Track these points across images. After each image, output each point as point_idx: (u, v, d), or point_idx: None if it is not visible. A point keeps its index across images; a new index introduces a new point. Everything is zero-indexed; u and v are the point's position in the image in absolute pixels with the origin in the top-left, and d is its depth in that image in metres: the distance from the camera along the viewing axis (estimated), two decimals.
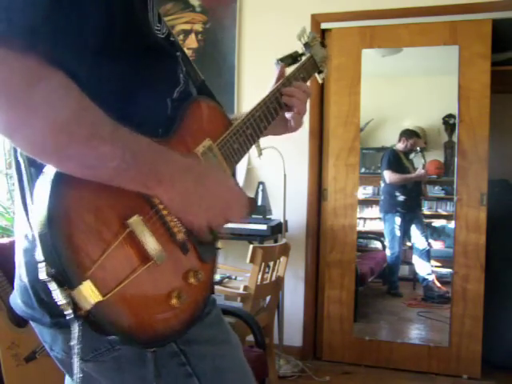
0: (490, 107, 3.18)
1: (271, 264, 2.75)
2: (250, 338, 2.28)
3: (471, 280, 3.22)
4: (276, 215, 3.35)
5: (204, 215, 0.78)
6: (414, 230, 4.12)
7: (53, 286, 0.66)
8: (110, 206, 0.71)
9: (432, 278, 4.01)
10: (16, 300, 0.86)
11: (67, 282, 0.65)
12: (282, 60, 1.18)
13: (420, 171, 4.00)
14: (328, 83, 3.48)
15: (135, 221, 0.71)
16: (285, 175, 3.21)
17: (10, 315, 1.85)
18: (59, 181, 0.67)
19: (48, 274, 0.65)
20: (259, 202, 3.34)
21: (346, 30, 3.43)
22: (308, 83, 1.22)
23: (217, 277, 2.91)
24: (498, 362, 3.28)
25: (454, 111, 3.38)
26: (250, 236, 3.22)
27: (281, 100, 1.06)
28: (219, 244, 0.87)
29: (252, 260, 2.55)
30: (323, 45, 1.26)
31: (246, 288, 2.58)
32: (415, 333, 3.79)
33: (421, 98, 4.10)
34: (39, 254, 0.66)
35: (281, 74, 1.13)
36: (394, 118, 4.16)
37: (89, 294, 0.65)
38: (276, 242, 3.27)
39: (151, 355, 0.77)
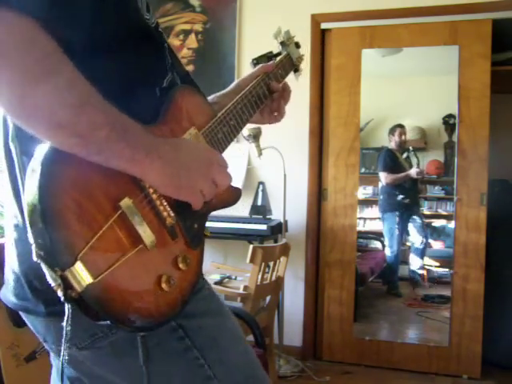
0: (490, 107, 3.18)
1: (271, 264, 2.75)
2: (250, 338, 2.28)
3: (471, 280, 3.22)
4: (276, 215, 3.35)
5: (190, 183, 0.79)
6: (412, 229, 4.13)
7: (44, 268, 0.66)
8: (101, 188, 0.70)
9: (421, 272, 4.04)
10: (6, 293, 0.85)
11: (58, 264, 0.64)
12: (257, 60, 1.21)
13: (411, 170, 3.99)
14: (328, 83, 3.48)
15: (126, 203, 0.71)
16: (285, 175, 3.21)
17: (9, 315, 1.85)
18: (50, 161, 0.67)
19: (38, 256, 0.65)
20: (259, 202, 3.34)
21: (346, 29, 3.43)
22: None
23: (217, 277, 2.91)
24: (498, 362, 3.28)
25: (454, 111, 3.37)
26: (249, 236, 3.22)
27: (261, 93, 1.09)
28: (207, 232, 0.88)
29: (252, 260, 2.55)
30: (298, 45, 1.30)
31: (245, 288, 2.58)
32: (415, 333, 3.79)
33: (421, 97, 4.10)
34: (30, 237, 0.66)
35: (260, 71, 1.15)
36: (394, 117, 4.15)
37: (80, 275, 0.65)
38: (276, 242, 3.27)
39: (140, 340, 0.77)
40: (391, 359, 3.37)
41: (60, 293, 0.65)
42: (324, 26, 3.46)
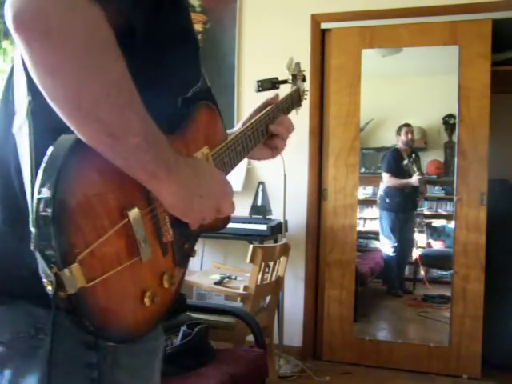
0: (490, 107, 3.18)
1: (271, 264, 2.75)
2: (250, 337, 2.28)
3: (471, 280, 3.22)
4: (276, 215, 3.35)
5: (200, 208, 0.79)
6: (407, 230, 4.15)
7: (40, 261, 0.63)
8: (114, 193, 0.69)
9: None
10: None
11: (56, 261, 0.62)
12: (261, 83, 1.21)
13: (412, 178, 3.98)
14: (328, 83, 3.48)
15: (134, 213, 0.71)
16: (285, 175, 3.21)
17: None
18: (74, 155, 0.64)
19: (36, 248, 0.63)
20: (259, 202, 3.34)
21: (346, 29, 3.43)
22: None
23: (217, 277, 2.91)
24: (498, 362, 3.28)
25: (454, 111, 3.38)
26: (249, 236, 3.22)
27: (268, 126, 1.08)
28: (193, 253, 0.88)
29: (252, 260, 2.55)
30: (304, 79, 1.30)
31: (245, 288, 2.58)
32: (415, 333, 3.80)
33: (421, 98, 4.10)
34: (31, 226, 0.63)
35: (271, 101, 1.14)
36: (394, 117, 4.15)
37: (74, 277, 0.63)
38: (276, 242, 3.27)
39: (112, 349, 0.76)
40: (391, 359, 3.37)
41: (50, 290, 0.64)
42: (324, 25, 3.46)
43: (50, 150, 0.64)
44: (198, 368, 1.87)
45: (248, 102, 3.49)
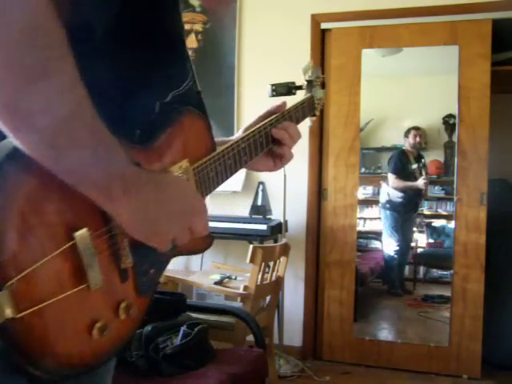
0: (490, 107, 3.18)
1: (271, 264, 2.75)
2: (250, 337, 2.28)
3: (471, 280, 3.22)
4: (276, 215, 3.35)
5: (166, 230, 0.69)
6: (407, 230, 4.15)
7: None
8: (60, 211, 0.60)
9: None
10: None
11: None
12: (275, 87, 1.10)
13: (418, 181, 3.99)
14: (328, 83, 3.48)
15: (83, 235, 0.61)
16: (285, 175, 3.21)
17: None
18: (9, 162, 0.55)
19: None
20: (259, 202, 3.34)
21: (346, 29, 3.43)
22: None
23: (217, 277, 2.91)
24: (497, 362, 3.28)
25: (454, 111, 3.38)
26: (249, 236, 3.22)
27: (269, 136, 0.96)
28: (162, 279, 0.80)
29: (252, 260, 2.55)
30: (323, 86, 1.17)
31: (245, 288, 2.58)
32: (415, 333, 3.79)
33: (421, 97, 4.10)
34: None
35: (277, 110, 1.01)
36: (394, 117, 4.16)
37: (2, 306, 0.54)
38: (276, 242, 3.27)
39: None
40: (391, 359, 3.37)
41: None
42: (324, 25, 3.46)
43: None
44: (198, 368, 1.87)
45: (248, 102, 3.49)
